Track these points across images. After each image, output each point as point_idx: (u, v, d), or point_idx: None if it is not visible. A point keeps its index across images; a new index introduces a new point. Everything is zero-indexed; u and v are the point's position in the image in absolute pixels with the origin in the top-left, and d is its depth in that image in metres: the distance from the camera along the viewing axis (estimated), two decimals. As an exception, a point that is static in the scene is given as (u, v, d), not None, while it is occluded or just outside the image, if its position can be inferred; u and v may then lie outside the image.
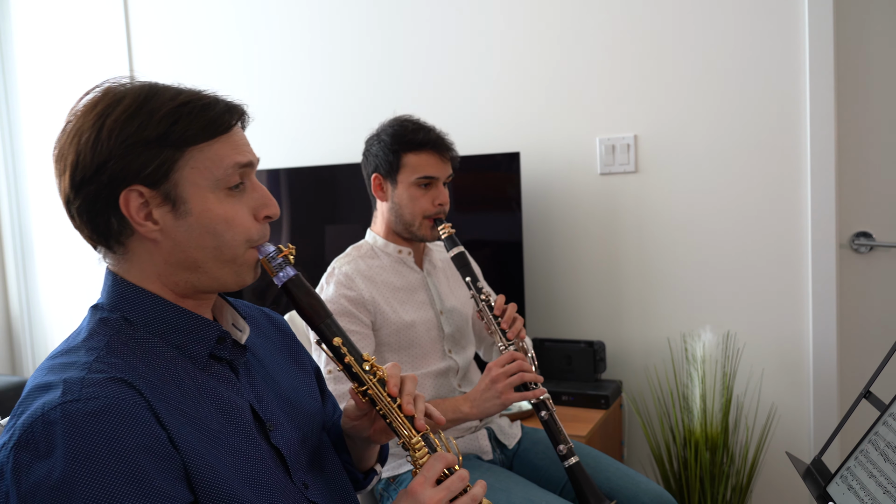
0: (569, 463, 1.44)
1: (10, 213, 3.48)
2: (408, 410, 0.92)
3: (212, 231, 0.84)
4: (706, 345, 2.03)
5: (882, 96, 2.05)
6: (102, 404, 0.74)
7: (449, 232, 1.63)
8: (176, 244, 0.84)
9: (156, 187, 0.82)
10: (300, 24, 2.73)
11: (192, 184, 0.83)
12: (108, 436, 0.73)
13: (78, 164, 0.81)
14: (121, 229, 0.83)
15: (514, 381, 1.46)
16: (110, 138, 0.80)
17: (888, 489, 0.97)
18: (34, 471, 0.72)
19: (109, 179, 0.81)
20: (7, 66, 3.43)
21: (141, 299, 0.85)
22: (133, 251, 0.85)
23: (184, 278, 0.86)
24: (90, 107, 0.83)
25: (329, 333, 0.93)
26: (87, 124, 0.81)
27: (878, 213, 2.09)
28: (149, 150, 0.81)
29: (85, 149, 0.81)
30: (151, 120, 0.81)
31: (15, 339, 3.53)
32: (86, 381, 0.76)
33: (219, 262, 0.86)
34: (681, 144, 2.20)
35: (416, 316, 1.62)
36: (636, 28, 2.21)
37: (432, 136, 1.62)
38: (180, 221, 0.83)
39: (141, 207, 0.82)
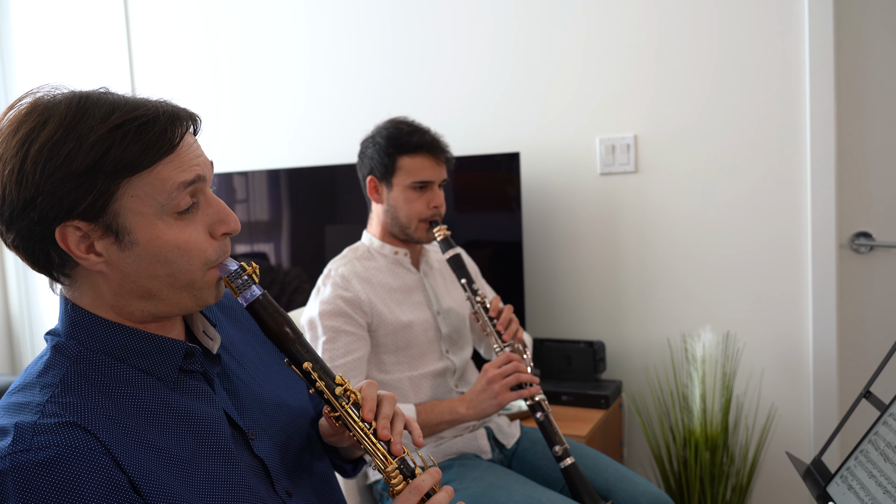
0: (564, 464, 1.45)
1: (10, 213, 3.48)
2: (383, 435, 0.87)
3: (162, 259, 0.77)
4: (706, 345, 2.03)
5: (882, 96, 2.05)
6: (54, 454, 0.69)
7: (444, 234, 1.63)
8: (125, 276, 0.77)
9: (94, 221, 0.74)
10: (300, 23, 2.73)
11: (134, 213, 0.75)
12: (61, 488, 0.68)
13: (4, 199, 0.72)
14: (62, 262, 0.76)
15: (510, 381, 1.47)
16: (35, 172, 0.71)
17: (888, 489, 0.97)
18: None
19: (40, 217, 0.72)
20: (7, 66, 3.43)
21: (95, 327, 0.79)
22: (80, 280, 0.79)
23: (139, 307, 0.79)
24: (14, 128, 0.73)
25: (300, 357, 0.86)
26: (10, 152, 0.72)
27: (878, 213, 2.09)
28: (80, 184, 0.72)
29: (10, 182, 0.72)
30: (80, 148, 0.71)
31: (15, 339, 3.54)
32: (38, 427, 0.70)
33: (174, 289, 0.79)
34: (681, 144, 2.20)
35: (413, 316, 1.63)
36: (636, 28, 2.21)
37: (427, 139, 1.62)
38: (126, 252, 0.76)
39: (81, 240, 0.75)
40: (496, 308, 1.59)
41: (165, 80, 3.03)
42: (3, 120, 0.75)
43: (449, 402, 1.51)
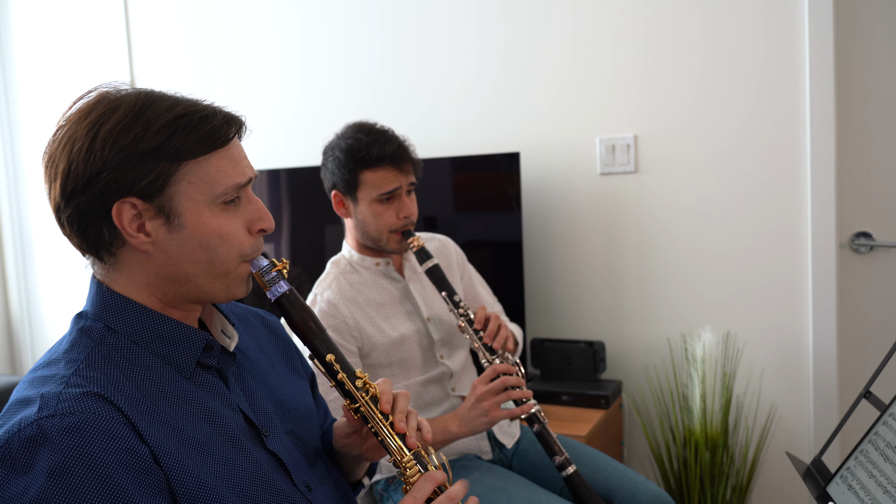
0: (566, 473, 1.44)
1: (10, 213, 3.48)
2: (399, 428, 0.91)
3: (205, 245, 0.83)
4: (706, 345, 2.03)
5: (882, 96, 2.05)
6: (78, 420, 0.72)
7: (418, 245, 1.56)
8: (168, 257, 0.82)
9: (150, 200, 0.80)
10: (300, 23, 2.73)
11: (187, 198, 0.81)
12: (84, 452, 0.71)
13: (70, 173, 0.78)
14: (111, 240, 0.81)
15: (500, 398, 1.42)
16: (104, 149, 0.77)
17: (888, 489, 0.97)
18: (11, 486, 0.71)
19: (102, 191, 0.78)
20: (7, 66, 3.43)
21: (125, 309, 0.83)
22: (123, 261, 0.84)
23: (173, 290, 0.85)
24: (84, 114, 0.80)
25: (322, 350, 0.91)
26: (81, 132, 0.79)
27: (878, 213, 2.09)
28: (144, 162, 0.78)
29: (77, 158, 0.78)
30: (147, 132, 0.78)
31: (15, 339, 3.53)
32: (62, 395, 0.74)
33: (210, 276, 0.84)
34: (681, 144, 2.20)
35: (403, 329, 1.59)
36: (636, 28, 2.21)
37: (388, 150, 1.53)
38: (173, 235, 0.81)
39: (134, 219, 0.80)
40: (481, 319, 1.54)
41: (165, 80, 3.03)
42: (70, 110, 0.82)
43: (441, 421, 1.47)
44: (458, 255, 1.81)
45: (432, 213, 2.36)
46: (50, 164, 0.81)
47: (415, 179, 1.60)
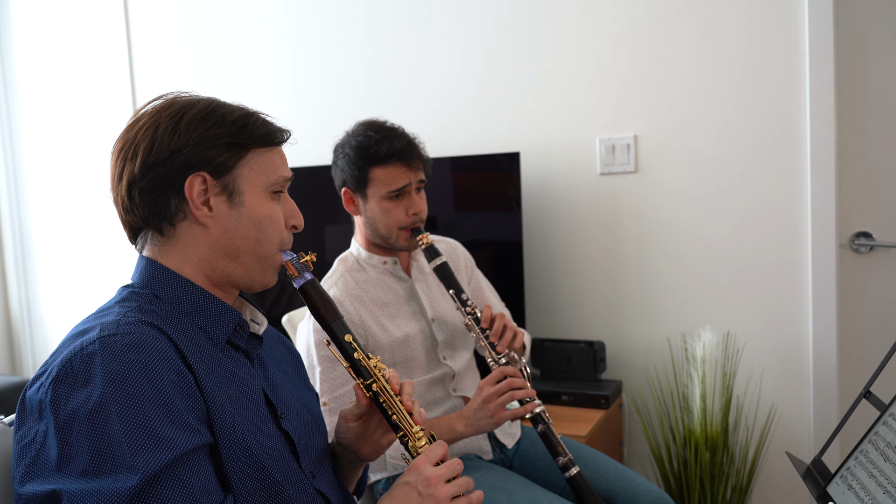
0: (570, 474, 1.44)
1: (10, 213, 3.48)
2: (408, 406, 0.98)
3: (257, 224, 0.93)
4: (706, 345, 2.03)
5: (882, 96, 2.05)
6: (138, 339, 0.80)
7: (427, 242, 1.56)
8: (224, 231, 0.91)
9: (218, 177, 0.91)
10: (300, 24, 2.73)
11: (248, 181, 0.92)
12: (143, 364, 0.78)
13: (153, 149, 0.88)
14: (176, 211, 0.90)
15: (505, 399, 1.43)
16: (188, 130, 0.89)
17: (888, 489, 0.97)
18: (72, 400, 0.76)
19: (181, 163, 0.89)
20: (7, 66, 3.43)
21: (172, 281, 0.91)
22: (180, 234, 0.92)
23: (221, 266, 0.93)
24: (165, 106, 0.92)
25: (340, 332, 0.99)
26: (165, 118, 0.90)
27: (878, 213, 2.09)
28: (220, 144, 0.90)
29: (162, 136, 0.89)
30: (224, 121, 0.91)
31: (15, 339, 3.53)
32: (122, 322, 0.82)
33: (255, 257, 0.93)
34: (681, 144, 2.20)
35: (408, 329, 1.59)
36: (636, 28, 2.21)
37: (397, 147, 1.53)
38: (232, 211, 0.91)
39: (201, 193, 0.90)
40: (488, 318, 1.53)
41: (165, 80, 3.03)
42: (143, 109, 0.93)
43: (447, 421, 1.47)
44: (466, 260, 1.81)
45: (432, 213, 2.34)
46: (127, 147, 0.91)
47: (424, 177, 1.60)
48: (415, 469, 0.90)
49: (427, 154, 1.62)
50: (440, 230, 2.28)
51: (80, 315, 0.95)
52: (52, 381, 0.78)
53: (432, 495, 0.88)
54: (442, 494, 0.89)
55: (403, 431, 0.96)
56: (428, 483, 0.89)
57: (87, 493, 0.73)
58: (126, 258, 3.16)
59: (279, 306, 2.53)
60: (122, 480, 0.73)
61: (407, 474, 0.91)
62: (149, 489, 0.74)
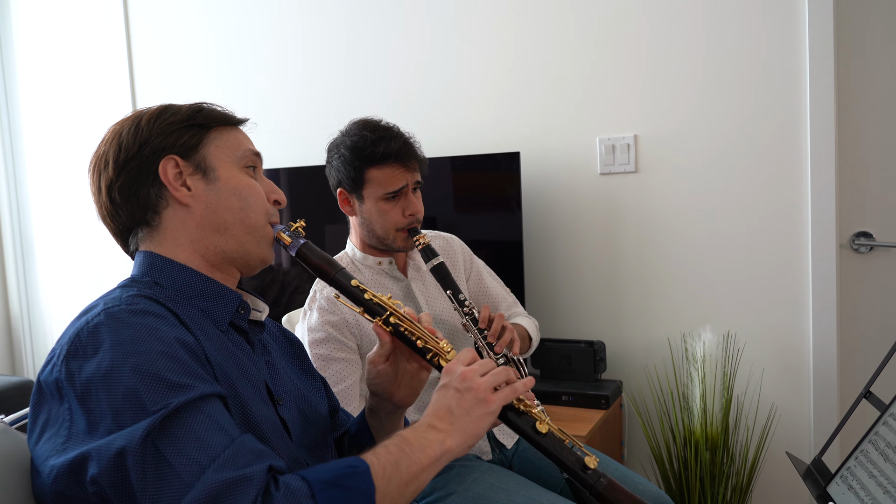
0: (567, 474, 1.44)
1: (10, 213, 3.48)
2: (430, 330, 0.98)
3: (237, 193, 0.95)
4: (706, 345, 2.03)
5: (882, 96, 2.05)
6: (144, 307, 0.83)
7: (423, 243, 1.55)
8: (207, 206, 0.94)
9: (187, 158, 0.94)
10: (300, 24, 2.73)
11: (216, 157, 0.96)
12: (150, 326, 0.81)
13: (121, 149, 0.94)
14: (158, 199, 0.94)
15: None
16: (149, 125, 0.95)
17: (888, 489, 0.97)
18: (85, 370, 0.77)
19: (150, 152, 0.93)
20: (7, 66, 3.43)
21: (170, 267, 0.94)
22: (167, 221, 0.95)
23: (213, 242, 0.95)
24: (121, 122, 0.97)
25: (345, 280, 0.99)
26: (126, 125, 0.96)
27: (878, 213, 2.09)
28: (181, 128, 0.95)
29: (127, 137, 0.94)
30: (180, 111, 0.97)
31: (15, 339, 3.53)
32: (124, 296, 0.85)
33: (244, 227, 0.95)
34: (681, 144, 2.20)
35: None
36: (636, 28, 2.21)
37: (394, 148, 1.51)
38: (210, 186, 0.95)
39: (177, 176, 0.94)
40: (485, 318, 1.52)
41: (165, 80, 3.03)
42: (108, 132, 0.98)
43: None
44: (464, 253, 1.80)
45: (432, 212, 2.36)
46: (97, 161, 0.96)
47: (420, 178, 1.58)
48: (447, 371, 0.91)
49: (423, 154, 1.60)
50: (440, 230, 2.27)
51: (79, 315, 0.95)
52: (63, 358, 0.79)
53: (469, 388, 0.88)
54: (479, 385, 0.88)
55: (433, 351, 0.96)
56: (463, 378, 0.88)
57: (109, 442, 0.73)
58: (126, 258, 3.16)
59: (279, 306, 2.53)
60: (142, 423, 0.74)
61: (442, 377, 0.91)
62: (169, 421, 0.75)
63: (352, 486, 0.77)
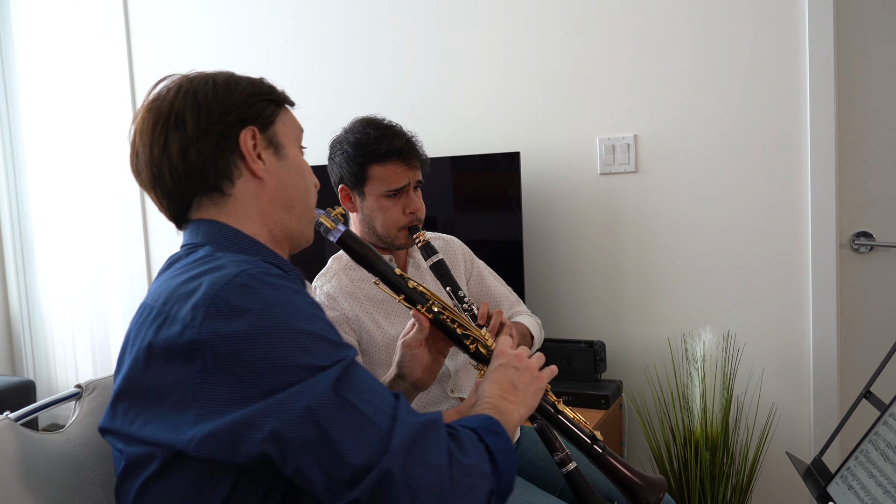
0: (566, 469, 1.43)
1: (10, 213, 3.48)
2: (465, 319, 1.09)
3: (302, 174, 0.99)
4: (706, 345, 2.03)
5: (882, 96, 2.05)
6: (279, 273, 0.84)
7: (423, 240, 1.55)
8: (279, 182, 0.96)
9: (263, 131, 0.95)
10: (300, 24, 2.73)
11: (285, 135, 0.98)
12: (295, 290, 0.82)
13: (201, 110, 0.91)
14: (234, 167, 0.93)
15: None
16: (229, 90, 0.94)
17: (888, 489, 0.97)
18: (234, 329, 0.75)
19: (235, 120, 0.92)
20: (7, 66, 3.43)
21: (241, 240, 0.93)
22: (238, 191, 0.94)
23: (280, 218, 0.96)
24: (183, 82, 0.94)
25: (388, 270, 1.07)
26: (198, 85, 0.93)
27: (878, 213, 2.09)
28: (262, 100, 0.96)
29: (207, 99, 0.92)
30: (253, 81, 0.98)
31: (15, 339, 3.53)
32: (255, 263, 0.84)
33: (305, 206, 0.99)
34: (681, 144, 2.20)
35: (402, 327, 1.55)
36: (636, 28, 2.21)
37: (397, 145, 1.52)
38: (281, 162, 0.96)
39: (254, 147, 0.94)
40: (484, 315, 1.51)
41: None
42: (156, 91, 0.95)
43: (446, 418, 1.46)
44: (464, 254, 1.80)
45: (432, 212, 2.36)
46: (164, 119, 0.91)
47: (422, 177, 1.59)
48: (502, 353, 1.03)
49: (425, 153, 1.61)
50: (440, 230, 2.27)
51: (79, 315, 0.94)
52: (202, 317, 0.76)
53: (525, 367, 1.02)
54: (531, 365, 1.03)
55: (472, 337, 1.07)
56: (519, 358, 1.03)
57: (288, 398, 0.74)
58: (126, 258, 3.16)
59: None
60: (322, 376, 0.76)
61: (496, 359, 1.03)
62: (346, 374, 0.78)
63: (499, 432, 0.89)
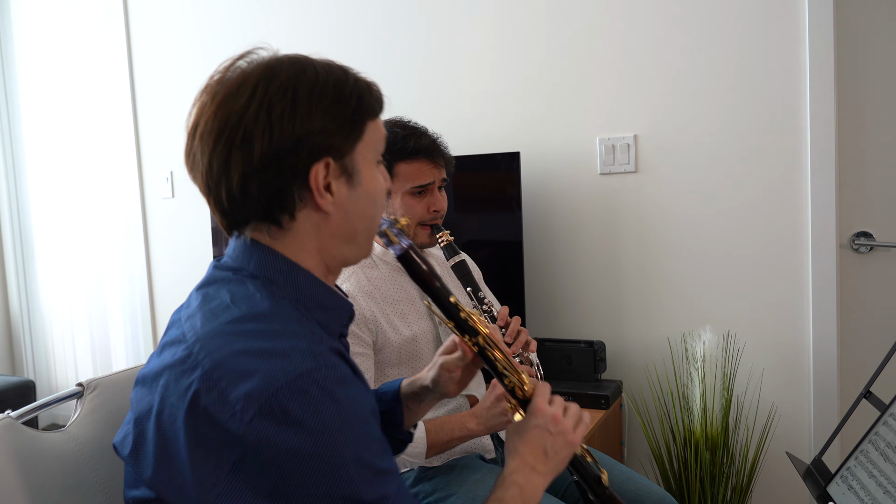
0: None
1: (10, 213, 3.48)
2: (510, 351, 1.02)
3: (373, 200, 0.86)
4: (706, 345, 2.03)
5: (882, 96, 2.05)
6: (342, 373, 0.77)
7: (447, 240, 1.58)
8: (346, 215, 0.84)
9: (340, 160, 0.82)
10: (300, 24, 2.73)
11: (363, 156, 0.84)
12: (353, 401, 0.76)
13: (273, 136, 0.77)
14: (297, 201, 0.81)
15: None
16: (310, 111, 0.78)
17: (888, 489, 0.97)
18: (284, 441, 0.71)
19: (309, 152, 0.79)
20: (7, 66, 3.43)
21: (296, 274, 0.84)
22: (299, 224, 0.83)
23: (340, 252, 0.86)
24: (267, 75, 0.79)
25: (444, 293, 0.97)
26: (276, 95, 0.78)
27: (878, 213, 2.09)
28: (347, 124, 0.81)
29: (282, 121, 0.77)
30: (342, 95, 0.81)
31: (15, 339, 3.53)
32: (315, 350, 0.76)
33: (368, 234, 0.88)
34: (681, 144, 2.20)
35: (416, 329, 1.58)
36: (637, 28, 2.21)
37: (424, 143, 1.55)
38: (352, 192, 0.84)
39: (325, 179, 0.81)
40: (504, 318, 1.54)
41: (165, 80, 3.03)
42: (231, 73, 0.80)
43: (459, 418, 1.45)
44: (476, 273, 1.82)
45: (432, 213, 2.36)
46: (231, 129, 0.78)
47: (446, 176, 1.62)
48: (540, 412, 0.95)
49: (450, 154, 1.64)
50: (440, 230, 2.28)
51: (79, 315, 0.93)
52: (253, 416, 0.71)
53: (560, 431, 0.95)
54: (567, 428, 0.95)
55: (510, 381, 0.99)
56: (555, 421, 0.95)
57: None
58: (126, 258, 3.16)
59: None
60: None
61: (533, 417, 0.96)
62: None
63: None
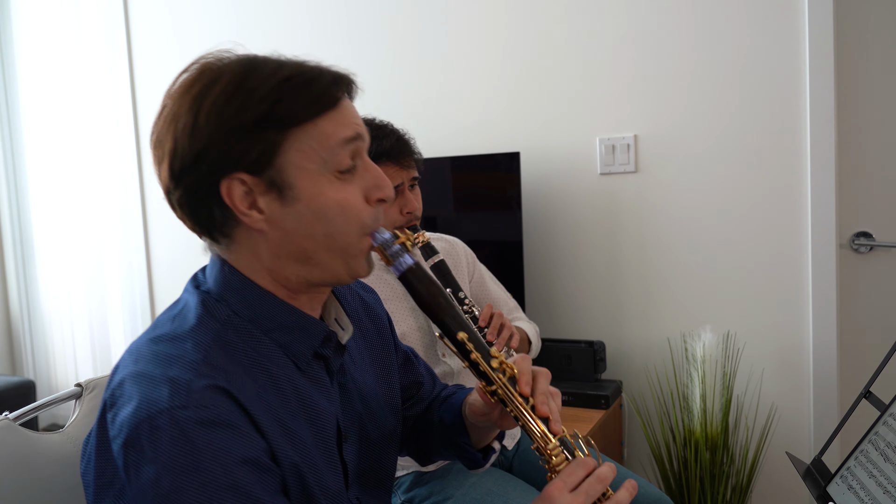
0: None
1: (10, 213, 3.48)
2: (542, 412, 0.82)
3: (322, 217, 0.76)
4: (706, 345, 2.03)
5: (882, 96, 2.05)
6: (211, 414, 0.70)
7: (423, 241, 1.53)
8: (285, 234, 0.76)
9: (259, 174, 0.74)
10: (300, 24, 2.73)
11: (298, 168, 0.75)
12: (215, 447, 0.69)
13: (176, 153, 0.74)
14: (224, 220, 0.77)
15: None
16: (208, 124, 0.73)
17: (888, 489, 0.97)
18: (143, 473, 0.69)
19: (209, 168, 0.74)
20: (7, 66, 3.43)
21: (249, 292, 0.79)
22: (239, 242, 0.78)
23: (294, 272, 0.79)
24: (185, 88, 0.76)
25: (454, 327, 0.84)
26: (184, 108, 0.75)
27: (878, 213, 2.09)
28: (250, 134, 0.74)
29: (182, 136, 0.74)
30: (251, 100, 0.74)
31: (15, 339, 3.53)
32: (192, 387, 0.71)
33: (330, 253, 0.78)
34: (681, 144, 2.20)
35: (405, 326, 1.57)
36: (636, 28, 2.21)
37: (386, 147, 1.48)
38: (288, 209, 0.76)
39: (245, 196, 0.75)
40: (486, 317, 1.51)
41: (166, 80, 3.01)
42: (174, 85, 0.78)
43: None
44: (467, 256, 1.80)
45: (432, 212, 2.36)
46: (157, 145, 0.77)
47: (417, 174, 1.56)
48: (549, 499, 0.77)
49: (419, 150, 1.58)
50: (440, 230, 2.27)
51: (79, 315, 0.93)
52: (122, 444, 0.71)
53: None
54: None
55: (537, 445, 0.82)
56: None
57: None
58: (126, 258, 3.16)
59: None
60: None
61: (538, 502, 0.78)
62: None
63: None
